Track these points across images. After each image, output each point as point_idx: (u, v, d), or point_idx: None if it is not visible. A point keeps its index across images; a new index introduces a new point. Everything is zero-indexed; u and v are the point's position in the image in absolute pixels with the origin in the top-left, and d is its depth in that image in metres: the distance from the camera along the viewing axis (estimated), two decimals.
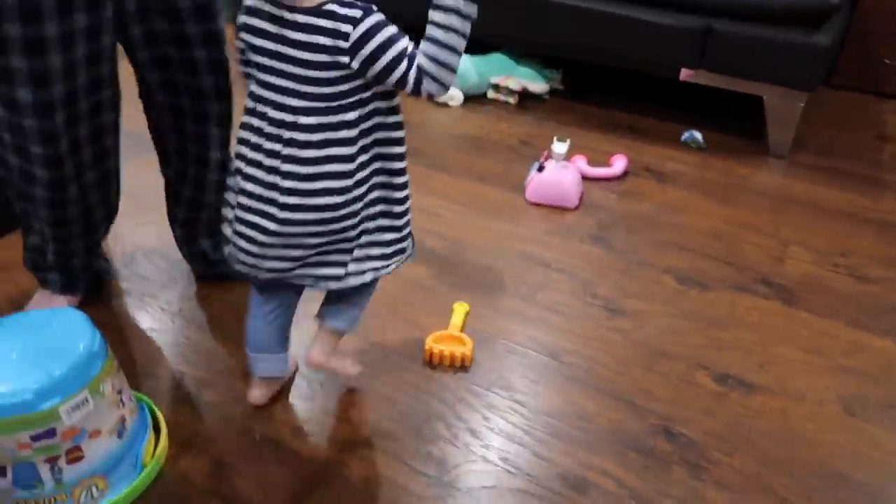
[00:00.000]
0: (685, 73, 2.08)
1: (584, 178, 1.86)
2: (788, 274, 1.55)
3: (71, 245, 1.24)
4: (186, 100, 1.19)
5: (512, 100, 2.34)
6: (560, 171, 1.75)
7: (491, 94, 2.37)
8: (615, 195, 1.84)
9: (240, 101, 1.01)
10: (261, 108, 0.90)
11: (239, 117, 0.96)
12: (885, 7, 2.39)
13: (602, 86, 2.47)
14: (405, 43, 0.86)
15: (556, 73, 2.42)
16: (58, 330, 0.98)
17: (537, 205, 1.77)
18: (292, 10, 0.84)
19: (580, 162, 1.91)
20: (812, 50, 1.86)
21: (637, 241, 1.65)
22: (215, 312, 1.36)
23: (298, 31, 0.85)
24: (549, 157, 1.77)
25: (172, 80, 1.17)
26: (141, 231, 1.54)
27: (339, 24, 0.84)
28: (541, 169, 1.76)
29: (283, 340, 1.12)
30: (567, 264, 1.55)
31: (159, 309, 1.36)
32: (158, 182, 1.35)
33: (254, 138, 0.91)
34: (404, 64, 0.85)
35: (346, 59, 0.85)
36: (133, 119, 1.28)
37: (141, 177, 1.47)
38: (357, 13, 0.84)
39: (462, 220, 1.69)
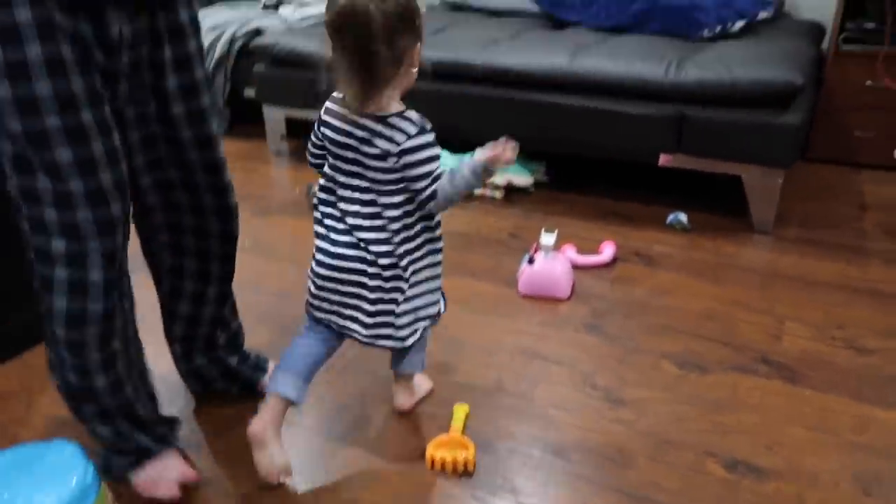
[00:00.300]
0: (664, 159, 2.14)
1: (575, 266, 1.88)
2: (787, 351, 1.54)
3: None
4: (188, 218, 1.21)
5: (498, 194, 2.39)
6: (550, 263, 1.78)
7: (477, 190, 2.43)
8: (607, 282, 1.86)
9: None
10: (333, 179, 1.15)
11: None
12: (848, 84, 2.50)
13: (586, 175, 2.54)
14: (436, 166, 1.10)
15: (539, 165, 2.49)
16: (50, 464, 0.97)
17: (530, 297, 1.79)
18: (362, 115, 1.07)
19: (570, 251, 1.94)
20: (783, 129, 1.93)
21: (632, 326, 1.65)
22: (211, 434, 1.34)
23: (363, 131, 1.08)
24: (538, 248, 1.80)
25: (175, 201, 1.19)
26: None
27: (395, 133, 1.07)
28: (531, 261, 1.78)
29: (307, 374, 1.22)
30: (564, 356, 1.55)
31: None
32: (147, 300, 1.36)
33: (329, 198, 1.17)
34: (428, 181, 1.09)
35: (394, 160, 1.08)
36: None
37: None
38: (412, 129, 1.07)
39: (457, 319, 1.69)
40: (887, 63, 2.41)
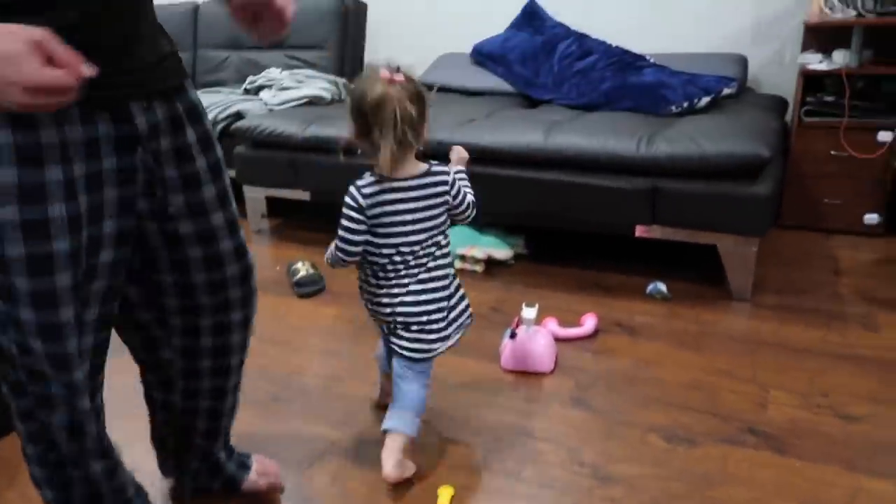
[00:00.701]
0: (640, 230, 2.18)
1: (557, 339, 1.88)
2: (774, 420, 1.52)
3: None
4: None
5: (479, 268, 2.40)
6: (532, 336, 1.77)
7: (458, 264, 2.44)
8: (590, 354, 1.85)
9: None
10: (398, 242, 1.35)
11: None
12: (813, 154, 2.59)
13: (564, 247, 2.57)
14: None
15: (518, 239, 2.52)
16: None
17: (514, 372, 1.77)
18: (406, 180, 1.33)
19: (551, 324, 1.93)
20: (754, 200, 1.98)
21: (617, 400, 1.63)
22: None
23: (416, 190, 1.34)
24: (519, 323, 1.79)
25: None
26: None
27: (439, 177, 1.37)
28: (513, 336, 1.77)
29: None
30: (550, 432, 1.52)
31: None
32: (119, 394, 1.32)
33: (399, 258, 1.37)
34: (470, 197, 1.44)
35: (449, 197, 1.38)
36: None
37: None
38: (446, 169, 1.39)
39: (440, 396, 1.66)
40: (848, 133, 2.51)
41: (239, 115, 3.07)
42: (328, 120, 2.73)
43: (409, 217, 1.35)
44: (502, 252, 2.43)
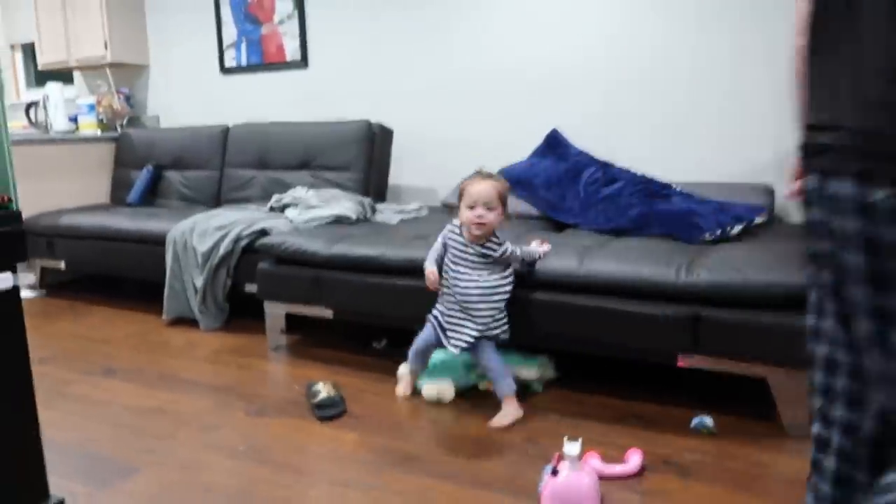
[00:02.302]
0: (683, 360, 2.07)
1: (601, 477, 1.72)
2: None
3: None
4: None
5: None
6: (577, 476, 1.62)
7: (482, 385, 2.32)
8: (638, 495, 1.69)
9: None
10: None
11: None
12: None
13: (605, 375, 2.45)
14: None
15: (544, 359, 2.40)
16: None
17: None
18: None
19: (593, 460, 1.79)
20: (803, 331, 1.89)
21: None
22: None
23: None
24: (561, 458, 1.65)
25: None
26: None
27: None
28: (555, 473, 1.63)
29: None
30: None
31: None
32: None
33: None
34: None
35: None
36: None
37: None
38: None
39: None
40: None
41: (264, 232, 3.06)
42: (354, 239, 2.71)
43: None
44: (529, 371, 2.31)
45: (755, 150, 3.08)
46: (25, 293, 3.91)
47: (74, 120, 4.42)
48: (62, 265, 3.79)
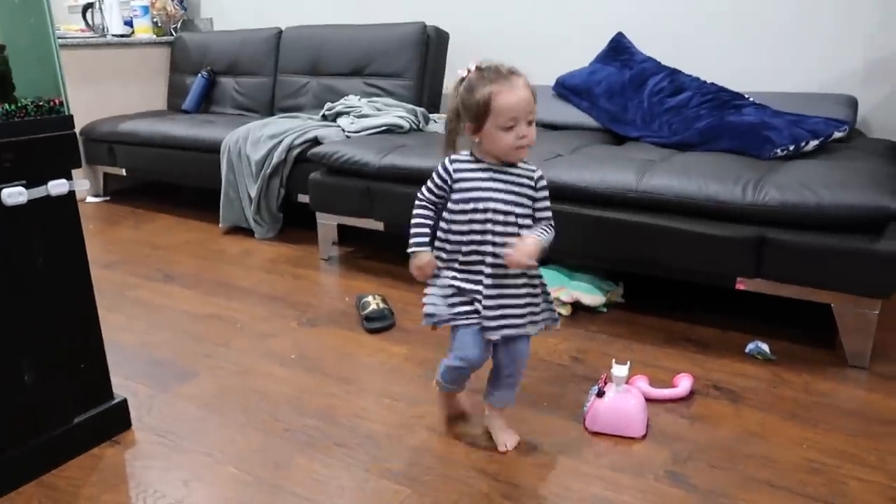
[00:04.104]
0: (741, 283, 1.98)
1: (648, 400, 1.70)
2: None
3: None
4: None
5: (564, 311, 2.24)
6: (623, 397, 1.60)
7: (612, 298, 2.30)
8: (686, 420, 1.66)
9: None
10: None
11: None
12: None
13: (659, 296, 2.38)
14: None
15: (616, 286, 2.35)
16: None
17: (600, 434, 1.60)
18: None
19: (641, 383, 1.76)
20: (878, 257, 1.77)
21: (721, 478, 1.44)
22: None
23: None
24: (608, 380, 1.63)
25: None
26: None
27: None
28: (601, 394, 1.61)
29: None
30: None
31: None
32: None
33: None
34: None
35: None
36: None
37: None
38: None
39: (518, 456, 1.51)
40: None
41: (316, 141, 3.03)
42: (406, 149, 2.65)
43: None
44: (592, 297, 2.26)
45: (839, 56, 2.82)
46: (90, 199, 4.05)
47: (130, 24, 4.40)
48: (123, 172, 3.88)
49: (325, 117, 3.36)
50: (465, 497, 1.39)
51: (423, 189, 1.48)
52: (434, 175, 1.46)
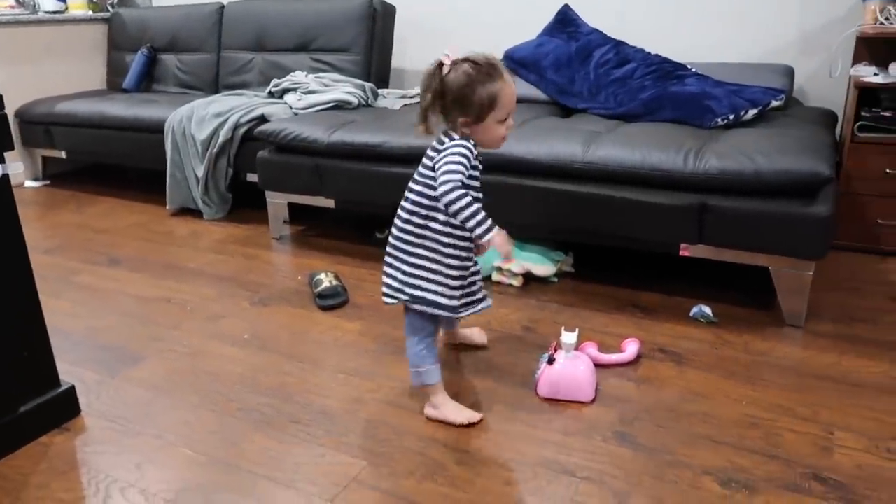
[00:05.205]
0: (685, 249, 2.04)
1: (597, 365, 1.74)
2: (840, 466, 1.38)
3: None
4: None
5: (516, 282, 2.28)
6: (572, 363, 1.64)
7: (495, 276, 2.32)
8: (633, 383, 1.71)
9: None
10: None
11: None
12: (867, 172, 2.44)
13: (607, 265, 2.44)
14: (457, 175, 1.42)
15: (565, 255, 2.39)
16: None
17: (550, 400, 1.64)
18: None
19: (590, 349, 1.81)
20: (813, 220, 1.84)
21: (665, 436, 1.49)
22: None
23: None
24: (558, 347, 1.67)
25: None
26: None
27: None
28: (551, 361, 1.65)
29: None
30: (593, 471, 1.39)
31: None
32: None
33: None
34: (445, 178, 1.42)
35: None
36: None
37: None
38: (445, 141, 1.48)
39: (473, 425, 1.54)
40: None
41: (263, 119, 2.98)
42: (356, 125, 2.63)
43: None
44: (543, 268, 2.30)
45: (777, 27, 2.90)
46: (29, 183, 3.90)
47: None
48: (63, 154, 3.75)
49: (271, 94, 3.30)
50: (421, 466, 1.41)
51: (458, 178, 1.41)
52: (462, 160, 1.43)
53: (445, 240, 1.49)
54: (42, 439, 1.54)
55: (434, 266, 1.50)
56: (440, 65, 1.43)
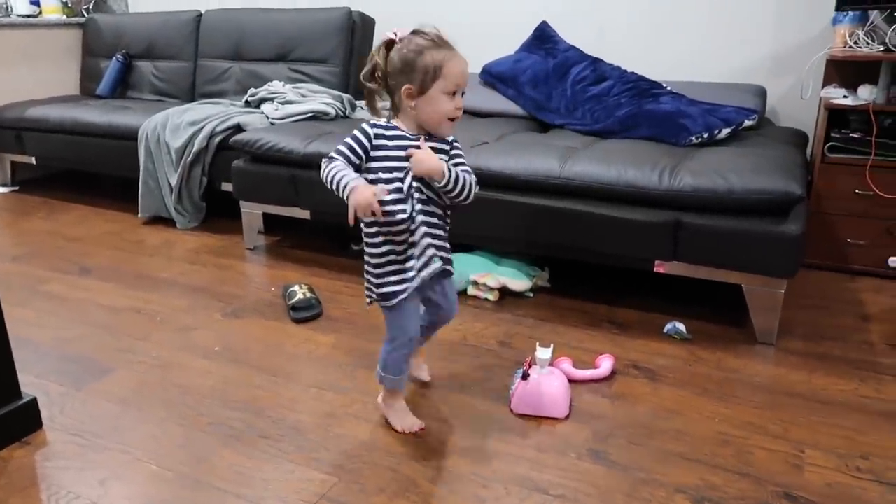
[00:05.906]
0: (659, 266, 2.06)
1: (571, 381, 1.74)
2: (810, 485, 1.39)
3: None
4: None
5: (491, 297, 2.28)
6: (546, 379, 1.64)
7: (471, 290, 2.32)
8: (607, 399, 1.71)
9: None
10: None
11: None
12: (836, 192, 2.48)
13: (583, 280, 2.44)
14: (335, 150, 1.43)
15: (541, 271, 2.39)
16: None
17: (524, 416, 1.63)
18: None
19: (565, 364, 1.80)
20: (785, 239, 1.86)
21: (639, 453, 1.49)
22: None
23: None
24: (532, 363, 1.66)
25: None
26: None
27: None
28: (525, 377, 1.64)
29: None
30: (567, 488, 1.38)
31: None
32: None
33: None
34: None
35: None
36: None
37: None
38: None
39: (446, 440, 1.53)
40: (874, 172, 2.40)
41: (239, 128, 2.95)
42: (332, 136, 2.61)
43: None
44: (518, 283, 2.30)
45: (750, 49, 2.95)
46: None
47: (37, 3, 4.15)
48: (33, 160, 3.68)
49: (248, 103, 3.28)
50: (393, 483, 1.39)
51: (335, 151, 1.42)
52: (349, 139, 1.41)
53: (365, 228, 1.50)
54: (1, 453, 1.50)
55: (366, 258, 1.51)
56: (390, 41, 1.39)
